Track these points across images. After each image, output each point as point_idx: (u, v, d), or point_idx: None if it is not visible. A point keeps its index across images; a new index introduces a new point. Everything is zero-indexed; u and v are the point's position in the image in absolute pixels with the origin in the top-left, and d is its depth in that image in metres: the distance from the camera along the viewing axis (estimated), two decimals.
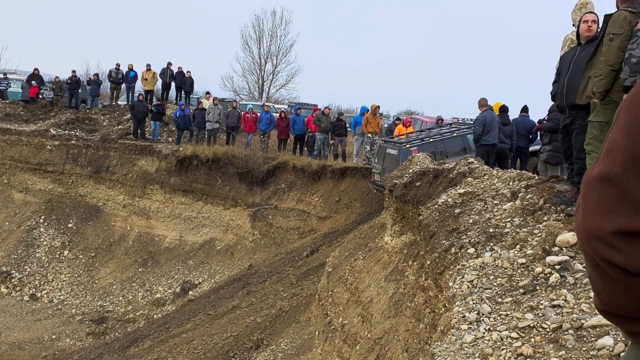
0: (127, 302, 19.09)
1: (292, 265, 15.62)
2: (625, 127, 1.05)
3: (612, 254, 1.06)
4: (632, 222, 1.03)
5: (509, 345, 3.62)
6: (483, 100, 12.33)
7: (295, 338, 11.41)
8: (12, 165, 23.67)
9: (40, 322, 18.40)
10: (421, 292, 6.51)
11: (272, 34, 45.24)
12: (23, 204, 22.76)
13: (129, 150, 22.52)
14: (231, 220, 20.42)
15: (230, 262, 19.20)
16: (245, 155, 20.49)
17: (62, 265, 20.84)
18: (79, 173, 22.90)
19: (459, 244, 5.42)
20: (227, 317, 13.58)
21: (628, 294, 1.09)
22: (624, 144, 1.04)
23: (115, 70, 25.46)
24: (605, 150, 1.09)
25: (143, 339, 15.04)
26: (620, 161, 1.04)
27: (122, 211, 22.08)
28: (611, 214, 1.05)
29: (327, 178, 18.95)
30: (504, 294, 4.24)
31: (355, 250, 11.28)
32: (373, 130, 18.41)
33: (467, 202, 6.45)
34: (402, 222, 9.53)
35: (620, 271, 1.06)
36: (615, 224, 1.04)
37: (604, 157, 1.09)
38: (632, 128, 1.04)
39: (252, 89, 46.54)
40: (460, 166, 8.22)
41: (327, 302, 10.63)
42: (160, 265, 20.15)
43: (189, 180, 21.12)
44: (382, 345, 7.50)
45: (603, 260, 1.08)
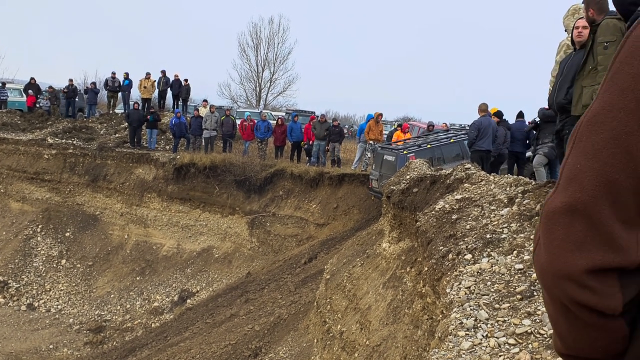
0: (124, 311, 19.01)
1: (290, 273, 15.57)
2: (590, 152, 0.97)
3: (584, 295, 0.96)
4: (606, 258, 0.95)
5: (506, 352, 3.60)
6: (483, 106, 12.36)
7: (294, 346, 11.36)
8: (9, 175, 23.63)
9: (37, 332, 18.30)
10: (419, 298, 6.49)
11: (269, 41, 45.42)
12: (20, 213, 22.69)
13: (126, 158, 22.49)
14: (229, 228, 20.38)
15: (228, 270, 19.15)
16: (243, 163, 20.49)
17: (59, 275, 20.76)
18: (76, 182, 22.86)
19: (456, 250, 5.41)
20: (225, 325, 13.52)
21: (599, 337, 1.01)
22: (591, 170, 0.96)
23: (111, 79, 25.50)
24: (566, 179, 0.99)
25: (141, 348, 14.97)
26: (589, 189, 0.95)
27: (119, 220, 22.02)
28: (581, 250, 0.95)
29: (325, 185, 18.95)
30: (502, 300, 4.22)
31: (353, 257, 11.26)
32: (375, 137, 18.53)
33: (464, 208, 6.45)
34: (400, 228, 9.52)
35: (592, 313, 0.98)
36: (588, 261, 0.95)
37: (566, 185, 0.99)
38: (599, 152, 0.96)
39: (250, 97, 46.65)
40: (457, 172, 8.22)
41: (326, 310, 10.60)
42: (158, 273, 20.08)
43: (187, 188, 21.09)
44: (380, 352, 7.46)
45: (573, 302, 0.98)
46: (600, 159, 0.95)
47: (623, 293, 0.96)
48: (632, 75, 0.94)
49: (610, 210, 0.94)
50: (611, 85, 0.97)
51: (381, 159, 15.01)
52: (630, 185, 0.93)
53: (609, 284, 0.96)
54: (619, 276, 0.96)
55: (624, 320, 0.99)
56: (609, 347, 1.01)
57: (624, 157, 0.93)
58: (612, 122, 0.95)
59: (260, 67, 45.79)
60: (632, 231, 0.95)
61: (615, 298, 0.96)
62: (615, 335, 1.00)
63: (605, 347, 1.01)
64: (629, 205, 0.94)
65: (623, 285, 0.96)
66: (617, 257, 0.94)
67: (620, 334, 1.00)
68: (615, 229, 0.94)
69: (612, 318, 0.98)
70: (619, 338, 1.00)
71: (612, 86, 0.97)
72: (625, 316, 0.99)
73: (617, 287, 0.96)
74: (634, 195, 0.94)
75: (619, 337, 1.00)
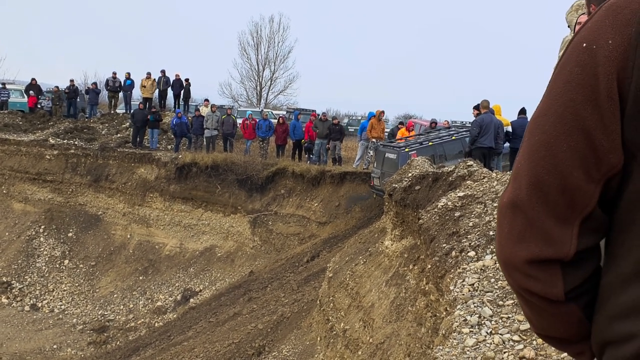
0: (128, 310, 19.04)
1: (292, 272, 15.59)
2: (527, 153, 1.04)
3: (529, 283, 1.05)
4: (542, 250, 1.02)
5: (511, 348, 3.61)
6: (485, 102, 12.34)
7: (297, 344, 11.38)
8: (12, 175, 23.65)
9: (41, 332, 18.34)
10: (422, 296, 6.50)
11: (269, 40, 45.38)
12: (23, 214, 22.73)
13: (128, 158, 22.51)
14: (231, 227, 20.40)
15: (231, 269, 19.17)
16: (245, 162, 20.50)
17: (62, 275, 20.80)
18: (78, 182, 22.88)
19: (459, 247, 5.42)
20: (228, 324, 13.54)
21: (555, 320, 1.09)
22: (527, 170, 1.03)
23: (112, 79, 25.51)
24: (513, 176, 1.07)
25: (145, 347, 15.00)
26: (524, 187, 1.03)
27: (122, 220, 22.05)
28: (522, 242, 1.03)
29: (327, 183, 18.96)
30: (505, 296, 4.23)
31: (355, 255, 11.27)
32: (378, 135, 18.52)
33: (467, 205, 6.46)
34: (402, 226, 9.52)
35: (541, 299, 1.06)
36: (527, 253, 1.03)
37: (512, 182, 1.07)
38: (533, 153, 1.02)
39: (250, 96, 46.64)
40: (459, 169, 8.22)
41: (329, 308, 10.61)
42: (161, 273, 20.11)
43: (189, 188, 21.10)
44: (384, 350, 7.47)
45: (523, 289, 1.07)
46: (533, 160, 1.02)
47: (565, 281, 1.03)
48: (564, 82, 1.00)
49: (543, 207, 1.01)
50: (549, 90, 1.04)
51: (383, 156, 14.98)
52: (558, 185, 0.99)
53: (550, 273, 1.03)
54: (561, 266, 1.03)
55: (577, 306, 1.06)
56: (568, 329, 1.09)
57: (551, 160, 1.00)
58: (545, 126, 1.01)
59: (260, 66, 45.80)
60: (567, 226, 1.01)
61: (557, 286, 1.03)
62: (568, 319, 1.07)
63: (566, 329, 1.09)
64: (559, 203, 1.00)
65: (565, 274, 1.03)
66: (551, 250, 1.01)
67: (574, 318, 1.07)
68: (548, 224, 1.01)
69: (560, 303, 1.05)
70: (574, 321, 1.07)
71: (549, 90, 1.04)
72: (578, 301, 1.06)
73: (559, 276, 1.03)
74: (562, 195, 1.00)
75: (574, 320, 1.07)
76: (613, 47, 0.96)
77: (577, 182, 0.99)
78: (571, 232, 1.01)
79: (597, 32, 0.98)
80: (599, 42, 0.97)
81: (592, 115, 0.97)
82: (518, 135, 12.63)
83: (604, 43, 0.96)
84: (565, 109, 0.99)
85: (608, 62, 0.96)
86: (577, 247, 1.02)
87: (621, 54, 0.95)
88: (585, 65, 0.98)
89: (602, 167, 0.99)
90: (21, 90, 28.45)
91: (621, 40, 0.95)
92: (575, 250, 1.02)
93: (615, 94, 0.96)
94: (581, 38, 1.01)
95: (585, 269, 1.05)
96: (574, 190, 1.00)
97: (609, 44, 0.96)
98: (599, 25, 0.98)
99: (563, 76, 1.01)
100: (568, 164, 0.99)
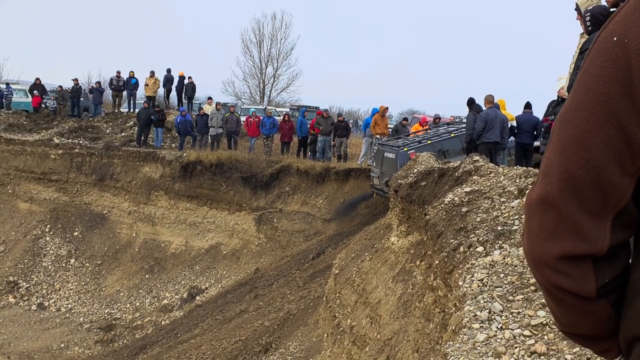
0: (134, 309, 19.10)
1: (298, 268, 15.60)
2: (558, 148, 1.04)
3: (560, 280, 1.05)
4: (575, 246, 1.02)
5: (522, 344, 3.60)
6: (490, 97, 12.31)
7: (304, 341, 11.39)
8: (17, 175, 23.74)
9: (48, 331, 18.42)
10: (430, 292, 6.49)
11: (272, 37, 45.36)
12: (28, 214, 22.81)
13: (133, 157, 22.55)
14: (236, 225, 20.42)
15: (237, 267, 19.20)
16: (249, 160, 20.51)
17: (68, 274, 20.87)
18: (83, 181, 22.94)
19: (467, 243, 5.41)
20: (235, 321, 13.57)
21: (584, 317, 1.09)
22: (558, 165, 1.03)
23: (116, 78, 25.55)
24: (542, 172, 1.07)
25: (151, 345, 15.05)
26: (556, 183, 1.03)
27: (127, 218, 22.10)
28: (554, 238, 1.04)
29: (331, 180, 18.95)
30: (515, 291, 4.22)
31: (361, 252, 11.26)
32: (381, 131, 18.50)
33: (474, 201, 6.44)
34: (408, 222, 9.51)
35: (572, 296, 1.06)
36: (559, 249, 1.03)
37: (542, 179, 1.07)
38: (564, 148, 1.02)
39: (254, 93, 46.63)
40: (465, 164, 8.20)
41: (335, 304, 10.62)
42: (167, 271, 20.16)
43: (194, 186, 21.13)
44: (391, 346, 7.47)
45: (553, 286, 1.07)
46: (566, 155, 1.02)
47: (597, 277, 1.03)
48: (594, 76, 1.00)
49: (576, 202, 1.01)
50: (578, 85, 1.03)
51: (382, 156, 14.91)
52: (592, 180, 0.99)
53: (582, 269, 1.03)
54: (593, 262, 1.03)
55: (607, 302, 1.06)
56: (597, 326, 1.09)
57: (585, 154, 0.99)
58: (576, 121, 1.01)
59: (263, 64, 45.79)
60: (600, 221, 1.01)
61: (589, 282, 1.03)
62: (598, 316, 1.07)
63: (594, 326, 1.09)
64: (592, 198, 1.00)
65: (597, 270, 1.03)
66: (584, 245, 1.01)
67: (604, 315, 1.07)
68: (582, 220, 1.01)
69: (591, 300, 1.05)
70: (603, 318, 1.07)
71: (579, 85, 1.03)
72: (609, 297, 1.06)
73: (591, 272, 1.03)
74: (595, 190, 1.00)
75: (604, 317, 1.07)
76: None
77: (611, 177, 0.99)
78: (604, 228, 1.01)
79: (627, 25, 0.98)
80: (630, 35, 0.97)
81: (627, 108, 0.97)
82: (523, 130, 12.59)
83: (636, 36, 0.96)
84: (597, 103, 0.99)
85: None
86: (610, 242, 1.02)
87: None
88: (617, 59, 0.97)
89: (637, 161, 0.98)
90: (25, 90, 28.52)
91: None
92: (608, 246, 1.02)
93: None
94: (611, 32, 1.00)
95: (617, 264, 1.05)
96: (608, 185, 1.00)
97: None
98: (630, 18, 0.98)
99: (594, 70, 1.00)
100: (602, 158, 0.99)
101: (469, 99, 13.75)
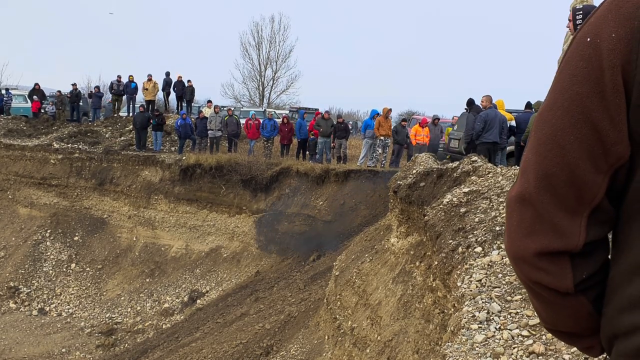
0: (135, 313, 19.09)
1: (298, 271, 15.59)
2: (535, 146, 1.06)
3: (539, 276, 1.07)
4: (552, 242, 1.04)
5: (520, 344, 3.60)
6: (488, 98, 12.32)
7: (305, 343, 11.38)
8: (17, 181, 23.74)
9: (49, 336, 18.40)
10: (430, 292, 6.49)
11: (271, 40, 45.42)
12: (29, 219, 22.81)
13: (132, 161, 22.55)
14: (236, 228, 20.42)
15: (237, 270, 19.19)
16: (249, 162, 20.51)
17: (69, 279, 20.87)
18: (83, 186, 22.95)
19: (465, 243, 5.40)
20: (235, 324, 13.56)
21: (564, 313, 1.10)
22: (535, 163, 1.05)
23: (116, 82, 25.57)
24: (521, 170, 1.09)
25: (153, 349, 15.03)
26: (533, 181, 1.04)
27: (127, 222, 22.10)
28: (531, 235, 1.05)
29: (331, 182, 18.94)
30: (513, 292, 4.21)
31: (361, 253, 11.25)
32: (385, 132, 18.59)
33: (473, 201, 6.43)
34: (408, 223, 9.50)
35: (551, 292, 1.08)
36: (536, 245, 1.05)
37: (520, 177, 1.09)
38: (540, 147, 1.04)
39: (253, 96, 46.67)
40: (464, 165, 8.20)
41: (336, 306, 10.61)
42: (168, 275, 20.15)
43: (193, 189, 21.13)
44: (392, 347, 7.47)
45: (532, 282, 1.09)
46: (541, 153, 1.04)
47: (574, 273, 1.05)
48: (569, 75, 1.02)
49: (551, 199, 1.03)
50: (555, 84, 1.05)
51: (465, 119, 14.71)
52: (566, 177, 1.01)
53: (559, 265, 1.05)
54: (571, 258, 1.05)
55: (586, 298, 1.07)
56: (578, 323, 1.11)
57: (559, 152, 1.01)
58: (552, 120, 1.03)
59: (262, 66, 45.84)
60: (576, 218, 1.03)
61: (567, 278, 1.05)
62: (578, 312, 1.09)
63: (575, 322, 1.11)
64: (567, 195, 1.02)
65: (574, 266, 1.05)
66: (561, 241, 1.03)
67: (583, 311, 1.08)
68: (557, 217, 1.03)
69: (570, 296, 1.07)
70: (583, 314, 1.09)
71: (555, 84, 1.05)
72: (588, 294, 1.07)
73: (568, 268, 1.05)
74: (570, 187, 1.01)
75: (583, 313, 1.09)
76: (617, 40, 0.97)
77: (585, 174, 1.01)
78: (580, 224, 1.03)
79: (600, 26, 1.00)
80: (602, 36, 0.99)
81: (599, 107, 0.99)
82: (523, 130, 12.59)
83: (607, 37, 0.98)
84: (571, 102, 1.01)
85: (612, 55, 0.97)
86: (585, 238, 1.03)
87: (625, 46, 0.96)
88: (590, 58, 0.99)
89: (609, 158, 1.00)
90: (24, 96, 28.54)
91: (624, 33, 0.97)
92: (584, 242, 1.03)
93: (621, 86, 0.97)
94: (585, 33, 1.02)
95: (595, 260, 1.07)
96: (582, 182, 1.01)
97: (612, 37, 0.98)
98: (602, 20, 1.00)
99: (568, 70, 1.03)
100: (576, 156, 1.01)
101: (468, 99, 13.78)
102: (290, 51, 45.65)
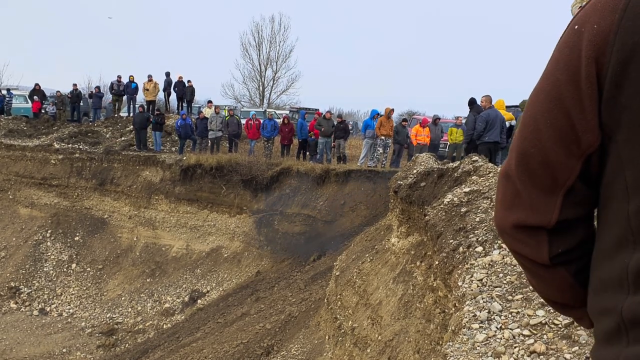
0: (136, 313, 19.09)
1: (299, 271, 15.60)
2: (520, 127, 1.11)
3: (518, 246, 1.15)
4: (527, 217, 1.10)
5: (521, 343, 3.60)
6: (488, 98, 12.32)
7: (306, 343, 11.38)
8: (17, 181, 23.75)
9: (50, 337, 18.41)
10: (430, 292, 6.49)
11: (271, 40, 45.42)
12: (29, 219, 22.82)
13: (133, 161, 22.56)
14: (237, 228, 20.42)
15: (238, 270, 19.19)
16: (249, 162, 20.51)
17: (70, 279, 20.87)
18: (83, 186, 22.95)
19: (466, 243, 5.40)
20: (236, 324, 13.56)
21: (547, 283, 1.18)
22: (517, 143, 1.11)
23: (117, 83, 25.57)
24: (510, 149, 1.15)
25: (153, 349, 15.04)
26: (514, 159, 1.11)
27: (128, 222, 22.10)
28: (511, 208, 1.13)
29: (332, 182, 18.94)
30: (514, 291, 4.22)
31: (362, 253, 11.25)
32: (387, 132, 18.59)
33: (473, 201, 6.44)
34: (408, 223, 9.50)
35: (531, 262, 1.15)
36: (514, 218, 1.12)
37: (509, 155, 1.15)
38: (523, 127, 1.09)
39: (253, 96, 46.68)
40: (464, 165, 8.20)
41: (336, 306, 10.61)
42: (168, 275, 20.15)
43: (194, 189, 21.13)
44: (393, 347, 7.47)
45: (514, 252, 1.18)
46: (523, 134, 1.09)
47: (550, 247, 1.11)
48: (555, 61, 1.05)
49: (528, 178, 1.09)
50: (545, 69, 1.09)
51: None
52: (541, 158, 1.06)
53: (536, 239, 1.11)
54: (547, 233, 1.10)
55: (566, 271, 1.13)
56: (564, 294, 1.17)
57: (536, 134, 1.06)
58: (535, 103, 1.08)
59: (262, 66, 45.84)
60: (551, 197, 1.08)
61: (542, 251, 1.11)
62: (560, 284, 1.15)
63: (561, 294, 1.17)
64: (542, 175, 1.07)
65: (550, 240, 1.10)
66: (535, 217, 1.09)
67: (565, 283, 1.14)
68: (534, 194, 1.09)
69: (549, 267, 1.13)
70: (565, 286, 1.15)
71: (545, 70, 1.09)
72: (568, 267, 1.12)
73: (545, 242, 1.11)
74: (545, 168, 1.07)
75: (565, 285, 1.14)
76: (597, 32, 0.99)
77: (558, 157, 1.05)
78: (555, 203, 1.08)
79: (587, 15, 1.02)
80: (586, 26, 1.01)
81: (573, 95, 1.02)
82: None
83: (590, 27, 1.00)
84: (552, 87, 1.05)
85: (590, 46, 0.99)
86: (558, 217, 1.09)
87: (603, 38, 0.98)
88: (573, 46, 1.02)
89: (582, 144, 1.04)
90: (25, 96, 28.55)
91: (605, 26, 0.98)
92: (556, 220, 1.09)
93: (594, 77, 0.99)
94: (575, 20, 1.05)
95: (571, 237, 1.11)
96: (555, 164, 1.06)
97: (594, 28, 0.99)
98: (592, 9, 1.02)
99: (555, 55, 1.06)
100: (549, 139, 1.05)
101: (470, 99, 13.77)
102: (290, 51, 45.70)
